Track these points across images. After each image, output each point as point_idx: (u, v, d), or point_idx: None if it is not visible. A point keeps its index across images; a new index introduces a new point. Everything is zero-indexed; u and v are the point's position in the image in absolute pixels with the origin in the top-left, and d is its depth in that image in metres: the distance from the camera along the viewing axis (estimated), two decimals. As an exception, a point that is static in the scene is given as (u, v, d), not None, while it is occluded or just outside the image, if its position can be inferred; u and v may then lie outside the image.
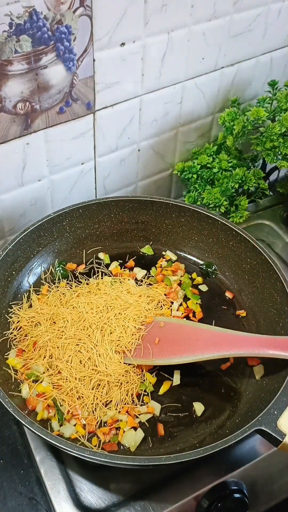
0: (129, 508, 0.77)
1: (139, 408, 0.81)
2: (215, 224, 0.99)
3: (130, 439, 0.77)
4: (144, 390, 0.83)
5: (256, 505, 0.88)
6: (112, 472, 0.80)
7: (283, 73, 1.24)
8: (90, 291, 0.94)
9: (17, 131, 0.89)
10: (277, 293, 0.88)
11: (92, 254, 1.03)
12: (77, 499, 0.77)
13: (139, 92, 1.01)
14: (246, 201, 1.13)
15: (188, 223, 1.02)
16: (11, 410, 0.72)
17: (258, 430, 0.70)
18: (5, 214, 1.00)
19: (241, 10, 1.03)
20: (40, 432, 0.70)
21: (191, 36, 0.99)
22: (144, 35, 0.93)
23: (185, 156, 1.20)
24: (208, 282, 1.01)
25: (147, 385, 0.83)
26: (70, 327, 0.87)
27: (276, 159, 1.07)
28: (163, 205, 1.02)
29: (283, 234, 1.17)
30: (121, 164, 1.10)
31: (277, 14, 1.10)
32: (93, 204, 1.01)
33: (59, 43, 0.84)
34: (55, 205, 1.05)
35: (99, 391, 0.81)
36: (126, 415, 0.80)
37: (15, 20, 0.77)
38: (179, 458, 0.68)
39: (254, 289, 0.94)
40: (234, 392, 0.84)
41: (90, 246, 1.04)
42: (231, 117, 1.09)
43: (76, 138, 0.98)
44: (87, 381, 0.82)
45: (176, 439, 0.79)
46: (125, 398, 0.82)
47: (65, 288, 0.95)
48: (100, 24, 0.86)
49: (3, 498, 0.82)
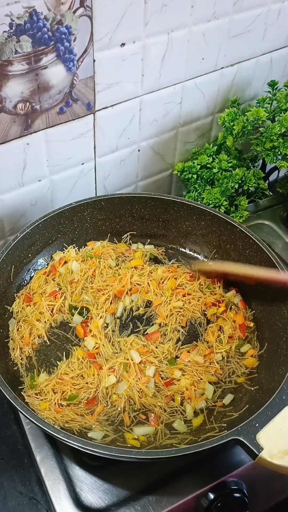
0: (129, 507, 0.77)
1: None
2: (233, 231, 0.98)
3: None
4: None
5: (256, 505, 0.88)
6: (113, 471, 0.80)
7: (283, 73, 1.24)
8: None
9: (17, 131, 0.89)
10: (285, 307, 0.88)
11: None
12: (77, 499, 0.78)
13: (139, 92, 1.01)
14: (246, 201, 1.13)
15: (208, 226, 1.02)
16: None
17: (236, 440, 0.69)
18: (6, 214, 1.00)
19: (241, 11, 1.03)
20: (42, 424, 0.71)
21: (191, 37, 1.00)
22: (144, 35, 0.93)
23: (185, 156, 1.20)
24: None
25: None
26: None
27: (276, 159, 1.07)
28: (185, 207, 1.02)
29: (283, 234, 1.17)
30: (121, 164, 1.11)
31: (277, 14, 1.10)
32: (116, 198, 1.01)
33: (59, 44, 0.84)
34: (55, 205, 1.05)
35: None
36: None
37: (15, 21, 0.77)
38: (150, 455, 0.69)
39: (264, 301, 0.93)
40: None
41: (110, 239, 1.05)
42: (231, 117, 1.09)
43: (76, 138, 0.98)
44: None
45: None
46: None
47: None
48: (100, 25, 0.86)
49: (3, 497, 0.82)
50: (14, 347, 0.88)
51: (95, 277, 0.97)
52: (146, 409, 0.81)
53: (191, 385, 0.84)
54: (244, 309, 0.95)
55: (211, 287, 0.97)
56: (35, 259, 0.98)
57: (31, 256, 0.97)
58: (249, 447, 0.68)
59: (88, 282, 0.96)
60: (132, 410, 0.81)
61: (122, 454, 0.69)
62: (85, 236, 1.03)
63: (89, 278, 0.97)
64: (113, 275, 0.98)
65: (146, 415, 0.81)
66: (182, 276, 0.98)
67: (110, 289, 0.95)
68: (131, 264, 1.00)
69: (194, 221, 1.03)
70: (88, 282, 0.96)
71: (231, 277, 0.96)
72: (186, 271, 1.00)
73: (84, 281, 0.96)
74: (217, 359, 0.88)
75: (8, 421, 0.90)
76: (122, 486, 0.79)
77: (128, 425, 0.80)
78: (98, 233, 1.04)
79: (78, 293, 0.94)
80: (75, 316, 0.92)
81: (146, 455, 0.70)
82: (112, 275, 0.98)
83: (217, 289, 0.97)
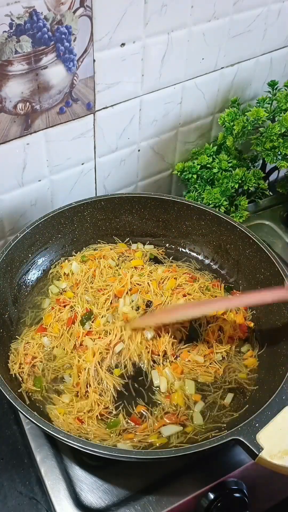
0: (129, 507, 0.77)
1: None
2: (233, 231, 0.98)
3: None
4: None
5: (256, 505, 0.88)
6: (112, 471, 0.80)
7: (283, 73, 1.24)
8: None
9: (17, 131, 0.89)
10: (285, 307, 0.87)
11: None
12: (77, 499, 0.78)
13: (139, 93, 1.01)
14: (246, 201, 1.13)
15: (208, 226, 1.02)
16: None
17: (236, 440, 0.69)
18: (6, 214, 1.00)
19: (241, 11, 1.03)
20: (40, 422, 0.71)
21: (191, 37, 1.00)
22: (144, 35, 0.93)
23: (185, 156, 1.20)
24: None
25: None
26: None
27: (276, 159, 1.07)
28: (185, 207, 1.02)
29: (283, 234, 1.17)
30: (121, 164, 1.11)
31: (277, 14, 1.10)
32: (116, 198, 1.02)
33: (59, 44, 0.84)
34: (55, 205, 1.05)
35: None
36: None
37: (16, 21, 0.77)
38: (150, 455, 0.69)
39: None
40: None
41: (109, 240, 1.05)
42: (231, 117, 1.09)
43: (76, 138, 0.98)
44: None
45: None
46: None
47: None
48: (100, 25, 0.86)
49: (3, 497, 0.82)
50: (15, 361, 0.86)
51: (95, 277, 0.97)
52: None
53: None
54: (244, 309, 0.95)
55: (211, 289, 0.97)
56: (35, 259, 0.98)
57: (31, 256, 0.97)
58: (249, 447, 0.67)
59: (89, 282, 0.96)
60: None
61: (122, 454, 0.69)
62: (85, 236, 1.03)
63: (89, 278, 0.97)
64: (113, 275, 0.98)
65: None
66: (182, 276, 0.98)
67: (110, 289, 0.95)
68: (131, 264, 1.00)
69: (194, 221, 1.03)
70: (88, 282, 0.96)
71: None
72: (186, 272, 1.00)
73: (85, 281, 0.96)
74: (217, 359, 0.88)
75: (8, 421, 0.90)
76: (122, 486, 0.79)
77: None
78: (98, 233, 1.04)
79: (82, 293, 0.94)
80: (86, 325, 0.90)
81: (146, 455, 0.70)
82: (112, 275, 0.98)
83: (218, 292, 0.97)
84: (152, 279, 0.97)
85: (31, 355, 0.86)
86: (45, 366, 0.86)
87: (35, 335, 0.90)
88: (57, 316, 0.92)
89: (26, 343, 0.88)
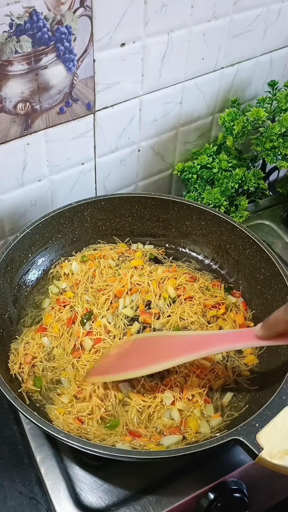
0: (129, 507, 0.77)
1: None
2: (233, 231, 0.98)
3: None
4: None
5: (256, 505, 0.88)
6: (112, 471, 0.80)
7: (283, 73, 1.24)
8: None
9: (17, 131, 0.89)
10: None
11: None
12: (77, 499, 0.77)
13: (139, 92, 1.01)
14: (246, 201, 1.13)
15: (208, 226, 1.02)
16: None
17: (236, 440, 0.69)
18: (6, 214, 1.00)
19: (241, 11, 1.03)
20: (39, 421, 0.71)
21: (191, 37, 1.00)
22: (144, 35, 0.93)
23: (185, 156, 1.20)
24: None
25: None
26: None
27: (276, 159, 1.07)
28: (185, 207, 1.02)
29: (283, 234, 1.17)
30: (121, 164, 1.11)
31: (277, 14, 1.10)
32: (116, 198, 1.02)
33: (59, 44, 0.84)
34: (55, 205, 1.05)
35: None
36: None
37: (16, 21, 0.77)
38: (150, 455, 0.69)
39: (264, 301, 0.93)
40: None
41: (109, 240, 1.05)
42: (231, 117, 1.09)
43: (76, 138, 0.98)
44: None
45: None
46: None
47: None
48: (100, 25, 0.86)
49: (3, 497, 0.82)
50: (15, 361, 0.86)
51: (95, 277, 0.97)
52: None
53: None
54: (244, 309, 0.95)
55: (211, 289, 0.97)
56: (35, 259, 0.98)
57: (31, 256, 0.97)
58: (249, 447, 0.67)
59: (89, 282, 0.96)
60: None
61: (122, 454, 0.69)
62: (85, 236, 1.03)
63: (89, 278, 0.97)
64: (113, 275, 0.98)
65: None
66: (182, 276, 0.98)
67: (110, 289, 0.95)
68: (131, 264, 1.00)
69: (194, 221, 1.03)
70: (88, 282, 0.96)
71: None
72: (186, 272, 1.00)
73: (85, 281, 0.96)
74: (217, 359, 0.88)
75: (8, 421, 0.90)
76: (122, 486, 0.79)
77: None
78: (98, 233, 1.04)
79: (82, 293, 0.95)
80: (86, 325, 0.91)
81: (146, 455, 0.70)
82: (112, 275, 0.98)
83: (218, 292, 0.97)
84: (152, 279, 0.97)
85: (31, 355, 0.86)
86: (45, 366, 0.86)
87: (35, 335, 0.90)
88: (57, 316, 0.92)
89: (26, 343, 0.88)
